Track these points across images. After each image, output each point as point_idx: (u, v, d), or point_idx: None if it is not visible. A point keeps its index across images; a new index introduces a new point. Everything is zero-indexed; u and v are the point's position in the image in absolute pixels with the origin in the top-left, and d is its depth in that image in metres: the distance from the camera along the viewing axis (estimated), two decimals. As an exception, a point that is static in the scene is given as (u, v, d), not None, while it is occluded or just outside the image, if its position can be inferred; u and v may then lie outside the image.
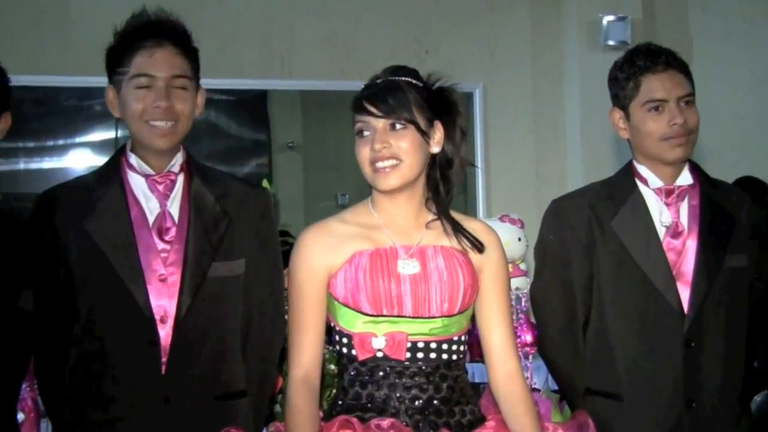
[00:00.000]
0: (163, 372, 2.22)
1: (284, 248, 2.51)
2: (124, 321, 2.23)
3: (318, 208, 5.33)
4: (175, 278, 2.25)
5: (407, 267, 2.10)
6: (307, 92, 5.22)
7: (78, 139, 4.99)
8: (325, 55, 4.99)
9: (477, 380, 3.40)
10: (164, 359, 2.22)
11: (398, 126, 2.09)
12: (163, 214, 2.29)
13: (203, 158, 2.45)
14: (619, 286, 2.42)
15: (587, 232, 2.46)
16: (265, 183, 3.27)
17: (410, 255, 2.12)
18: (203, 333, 2.27)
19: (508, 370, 2.18)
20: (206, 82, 2.42)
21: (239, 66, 4.90)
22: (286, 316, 2.96)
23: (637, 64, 2.44)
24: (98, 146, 4.88)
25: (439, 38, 5.10)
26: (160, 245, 2.26)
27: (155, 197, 2.30)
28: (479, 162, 5.05)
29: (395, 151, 2.09)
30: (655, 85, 2.42)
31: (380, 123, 2.09)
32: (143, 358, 2.22)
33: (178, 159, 2.34)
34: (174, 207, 2.31)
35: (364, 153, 2.10)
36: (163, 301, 2.24)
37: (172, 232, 2.28)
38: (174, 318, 2.23)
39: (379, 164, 2.09)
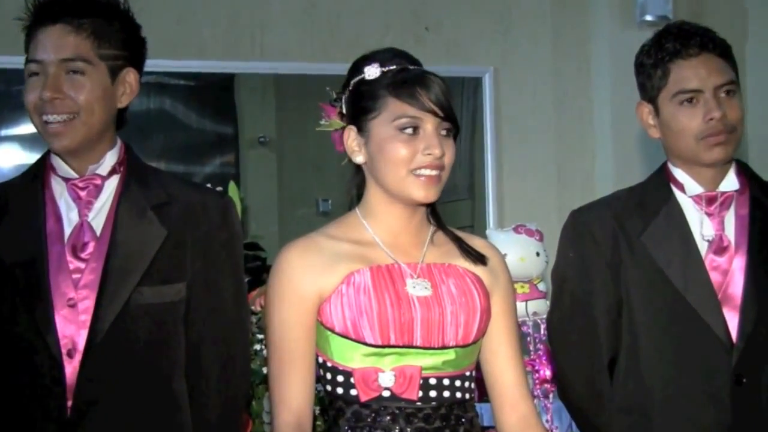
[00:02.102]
0: (68, 415, 2.20)
1: (253, 264, 2.51)
2: (26, 353, 2.22)
3: (295, 216, 5.34)
4: (87, 304, 2.24)
5: (418, 287, 2.13)
6: (283, 76, 5.21)
7: (4, 132, 4.98)
8: (303, 32, 4.98)
9: (486, 423, 3.40)
10: (70, 402, 2.20)
11: (449, 132, 2.18)
12: (81, 227, 2.29)
13: (155, 156, 2.46)
14: (653, 314, 2.43)
15: (612, 249, 2.47)
16: (231, 186, 3.27)
17: (418, 275, 2.16)
18: (122, 371, 2.25)
19: (522, 414, 2.22)
20: (160, 64, 2.43)
21: (200, 44, 4.88)
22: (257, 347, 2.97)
23: (666, 47, 2.44)
24: (29, 141, 4.87)
25: (441, 12, 5.11)
26: (73, 263, 2.26)
27: (76, 205, 2.30)
28: (489, 162, 5.06)
29: (444, 160, 2.15)
30: (687, 73, 2.42)
31: (434, 123, 2.15)
32: (46, 399, 2.20)
33: (109, 159, 2.34)
34: (99, 218, 2.30)
35: (405, 153, 2.13)
36: (71, 331, 2.22)
37: (90, 248, 2.27)
38: (83, 352, 2.22)
39: (426, 171, 2.14)
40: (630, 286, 2.45)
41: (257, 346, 3.05)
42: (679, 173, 2.49)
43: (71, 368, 2.21)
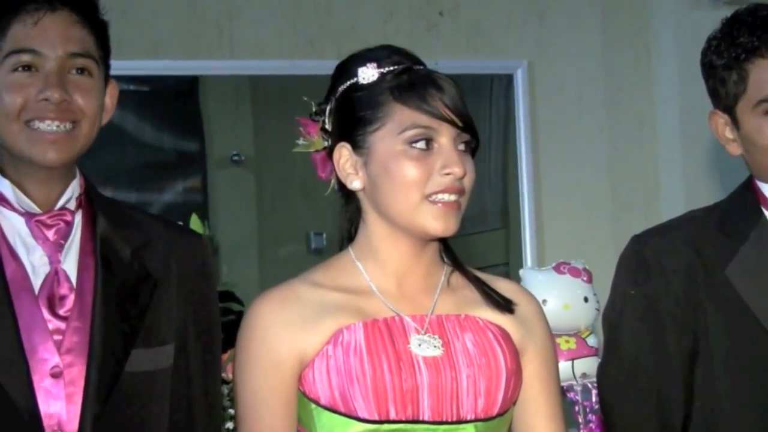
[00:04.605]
0: None
1: (225, 318, 2.52)
2: None
3: (278, 256, 5.34)
4: (74, 373, 2.24)
5: (424, 346, 2.14)
6: (260, 78, 5.24)
7: None
8: (284, 21, 5.00)
9: None
10: None
11: (468, 146, 2.20)
12: (55, 275, 2.28)
13: (99, 181, 2.48)
14: (740, 369, 2.43)
15: (687, 285, 2.46)
16: (194, 219, 3.26)
17: (426, 330, 2.17)
18: None
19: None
20: (107, 65, 2.44)
21: (155, 40, 4.91)
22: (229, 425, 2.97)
23: (740, 42, 2.43)
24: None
25: (459, -8, 5.13)
26: (53, 322, 2.25)
27: (42, 248, 2.29)
28: (524, 181, 5.06)
29: (465, 182, 2.17)
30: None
31: (451, 136, 2.17)
32: None
33: (75, 188, 2.34)
34: (70, 263, 2.31)
35: (418, 173, 2.15)
36: (58, 407, 2.22)
37: (69, 302, 2.27)
38: None
39: (444, 197, 2.15)
40: (711, 333, 2.44)
41: (229, 424, 3.04)
42: (771, 191, 2.50)
43: None
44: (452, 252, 2.28)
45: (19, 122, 2.26)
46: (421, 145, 2.14)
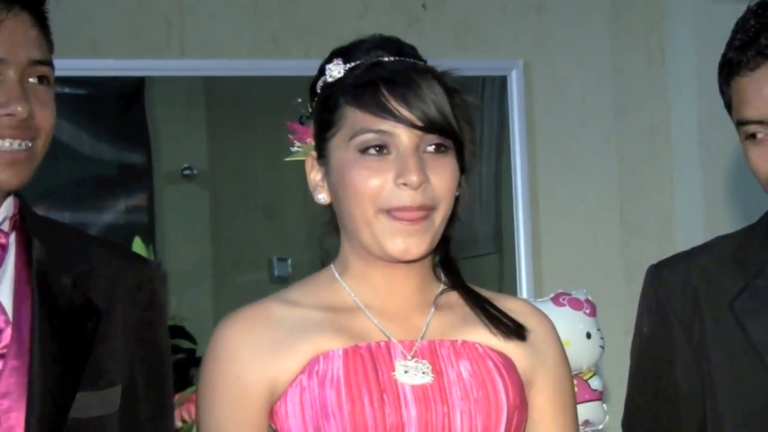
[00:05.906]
0: None
1: (174, 357, 2.52)
2: None
3: (236, 286, 5.33)
4: (13, 420, 2.24)
5: (411, 373, 2.14)
6: (215, 80, 5.24)
7: None
8: (243, 17, 5.01)
9: None
10: None
11: (439, 148, 2.18)
12: None
13: (30, 198, 2.47)
14: (743, 405, 2.44)
15: (692, 319, 2.48)
16: (137, 243, 3.26)
17: (414, 355, 2.17)
18: None
19: None
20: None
21: (94, 36, 4.91)
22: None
23: (728, 54, 2.41)
24: None
25: (445, -17, 5.15)
26: None
27: None
28: (519, 196, 5.06)
29: (433, 192, 2.15)
30: (744, 96, 2.39)
31: (414, 138, 2.15)
32: None
33: (9, 207, 2.34)
34: (4, 292, 2.30)
35: (369, 183, 2.15)
36: None
37: (6, 337, 2.27)
38: None
39: (406, 213, 2.14)
40: (713, 372, 2.46)
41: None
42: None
43: None
44: (452, 267, 2.28)
45: None
46: (373, 152, 2.15)
